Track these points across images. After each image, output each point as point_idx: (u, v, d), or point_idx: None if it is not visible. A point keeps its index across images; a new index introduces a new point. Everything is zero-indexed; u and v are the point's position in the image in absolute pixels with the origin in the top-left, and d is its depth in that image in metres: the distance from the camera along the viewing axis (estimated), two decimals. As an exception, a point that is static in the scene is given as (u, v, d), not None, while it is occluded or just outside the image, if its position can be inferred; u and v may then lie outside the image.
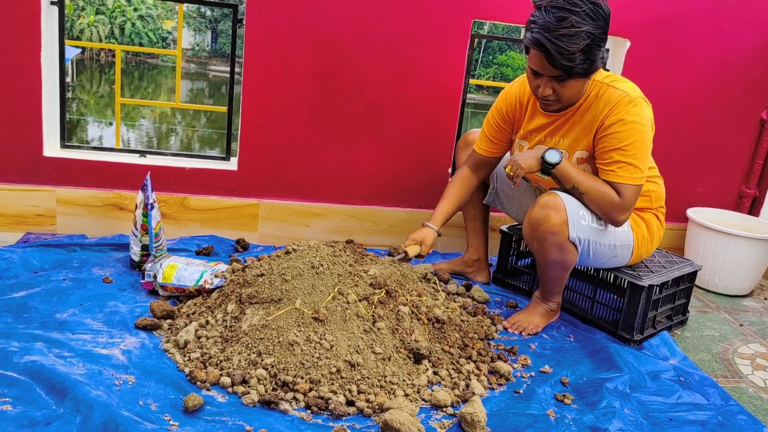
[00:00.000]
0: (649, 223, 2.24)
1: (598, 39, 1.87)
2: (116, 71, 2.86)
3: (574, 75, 1.92)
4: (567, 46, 1.84)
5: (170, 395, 1.64)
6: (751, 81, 3.02)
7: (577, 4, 1.84)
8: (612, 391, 1.84)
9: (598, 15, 1.86)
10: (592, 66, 1.92)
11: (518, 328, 2.24)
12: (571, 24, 1.83)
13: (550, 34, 1.84)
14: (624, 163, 2.00)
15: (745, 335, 2.48)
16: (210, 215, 2.79)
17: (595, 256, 2.17)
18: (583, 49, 1.85)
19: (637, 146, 1.99)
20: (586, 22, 1.84)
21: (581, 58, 1.87)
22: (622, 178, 2.00)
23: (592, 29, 1.85)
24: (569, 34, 1.83)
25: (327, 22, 2.65)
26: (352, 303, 1.91)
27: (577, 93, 2.01)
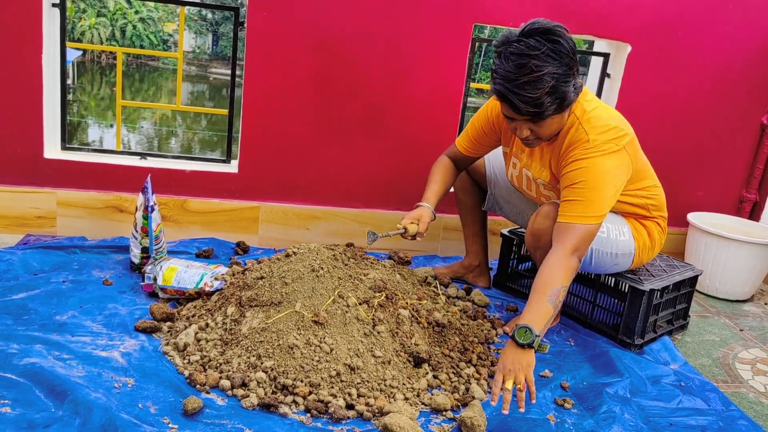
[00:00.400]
0: (650, 231, 2.23)
1: (563, 77, 1.78)
2: (117, 73, 2.86)
3: (546, 116, 1.85)
4: (530, 93, 1.76)
5: (170, 398, 1.64)
6: (751, 85, 3.02)
7: (535, 47, 1.75)
8: (612, 396, 1.84)
9: (560, 52, 1.76)
10: (563, 103, 1.84)
11: None
12: (531, 70, 1.74)
13: (511, 84, 1.78)
14: (571, 202, 1.91)
15: (746, 340, 2.47)
16: (210, 218, 2.79)
17: (597, 263, 2.16)
18: (549, 92, 1.77)
19: (587, 184, 1.89)
20: (548, 63, 1.75)
21: (549, 100, 1.79)
22: (568, 218, 1.89)
23: (555, 69, 1.76)
24: (531, 81, 1.75)
25: (328, 25, 2.65)
26: (352, 306, 1.90)
27: (556, 127, 1.94)
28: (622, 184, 1.98)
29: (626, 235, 2.17)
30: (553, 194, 2.13)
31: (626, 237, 2.17)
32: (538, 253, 2.10)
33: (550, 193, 2.14)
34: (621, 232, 2.16)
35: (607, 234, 2.12)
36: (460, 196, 2.55)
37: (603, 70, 3.02)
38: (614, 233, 2.14)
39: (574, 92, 1.85)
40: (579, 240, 1.87)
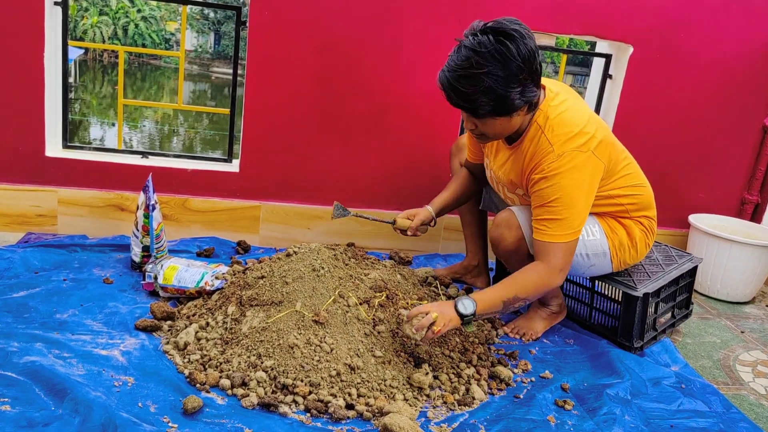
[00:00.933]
0: (629, 229, 2.17)
1: (504, 80, 1.75)
2: (119, 72, 2.86)
3: (483, 115, 1.83)
4: (463, 87, 1.77)
5: (169, 397, 1.64)
6: (753, 87, 3.02)
7: (483, 44, 1.74)
8: (613, 398, 1.83)
9: (505, 56, 1.73)
10: (503, 105, 1.80)
11: (518, 333, 2.23)
12: (470, 65, 1.75)
13: (450, 74, 1.79)
14: (549, 221, 1.92)
15: (747, 342, 2.47)
16: (211, 217, 2.79)
17: (572, 266, 2.11)
18: (484, 91, 1.76)
19: (562, 201, 1.90)
20: (490, 63, 1.74)
21: (484, 99, 1.77)
22: (548, 237, 1.92)
23: (496, 71, 1.74)
24: (466, 75, 1.76)
25: (330, 25, 2.65)
26: (353, 306, 1.90)
27: (503, 129, 1.91)
28: (594, 189, 1.97)
29: (596, 235, 2.12)
30: (516, 198, 2.13)
31: (597, 236, 2.12)
32: (502, 260, 2.14)
33: (513, 196, 2.15)
34: (589, 232, 2.11)
35: None
36: None
37: (605, 71, 3.02)
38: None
39: (521, 98, 1.81)
40: (564, 258, 1.93)
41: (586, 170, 1.91)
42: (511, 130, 1.93)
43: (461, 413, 1.74)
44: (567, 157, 1.89)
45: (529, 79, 1.80)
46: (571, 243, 1.93)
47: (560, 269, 1.93)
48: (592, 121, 1.96)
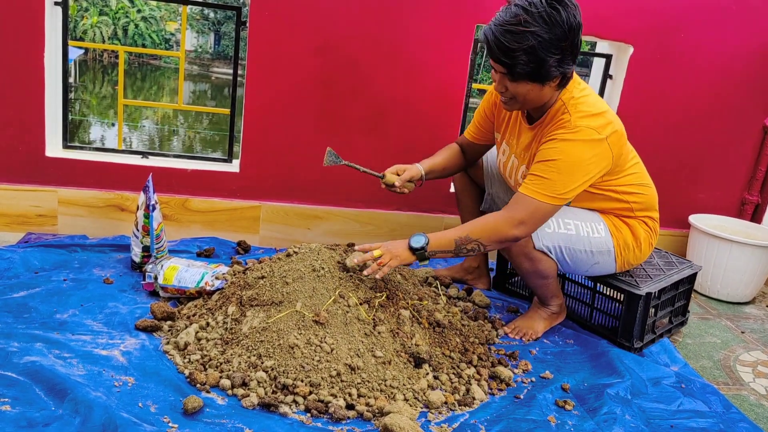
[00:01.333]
0: (633, 229, 2.18)
1: (547, 43, 1.79)
2: (119, 72, 2.86)
3: (519, 76, 1.86)
4: (508, 42, 1.80)
5: (170, 397, 1.64)
6: (754, 88, 3.02)
7: (534, 4, 1.78)
8: (613, 398, 1.83)
9: (554, 20, 1.78)
10: (540, 71, 1.84)
11: (518, 333, 2.23)
12: (518, 22, 1.78)
13: (497, 28, 1.82)
14: (537, 177, 1.91)
15: (747, 342, 2.47)
16: (211, 217, 2.79)
17: (574, 262, 2.13)
18: (526, 50, 1.79)
19: (556, 164, 1.90)
20: (537, 24, 1.77)
21: (524, 58, 1.80)
22: (525, 189, 1.92)
23: (542, 32, 1.78)
24: (513, 31, 1.79)
25: (330, 25, 2.65)
26: (353, 306, 1.90)
27: (533, 98, 1.93)
28: (596, 175, 1.96)
29: (601, 233, 2.13)
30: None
31: (601, 234, 2.13)
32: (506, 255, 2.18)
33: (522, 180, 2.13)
34: (594, 230, 2.12)
35: (576, 231, 2.09)
36: (460, 197, 2.55)
37: (605, 71, 3.02)
38: (585, 230, 2.11)
39: (558, 68, 1.85)
40: (528, 214, 1.91)
41: (594, 150, 1.92)
42: (538, 101, 1.95)
43: (461, 413, 1.74)
44: (581, 131, 1.91)
45: (569, 50, 1.84)
46: (545, 207, 1.90)
47: (520, 221, 1.90)
48: (611, 112, 2.00)
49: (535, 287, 2.23)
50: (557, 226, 2.08)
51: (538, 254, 2.07)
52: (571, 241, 2.09)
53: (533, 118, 2.06)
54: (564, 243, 2.09)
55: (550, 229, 2.06)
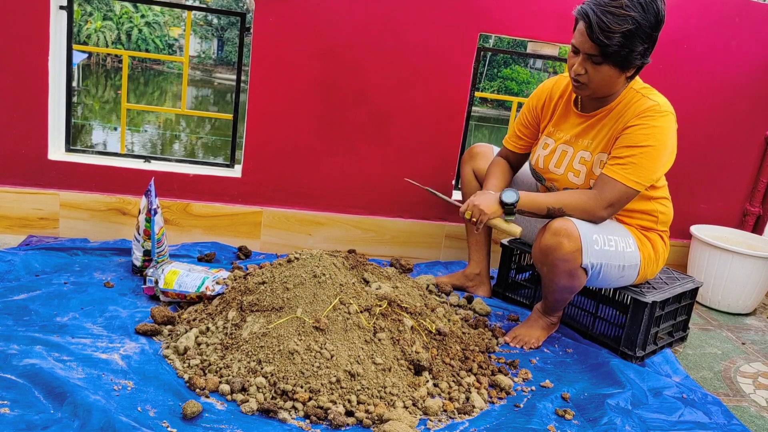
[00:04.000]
0: (654, 243, 2.22)
1: (642, 30, 1.87)
2: (123, 76, 2.87)
3: (609, 58, 1.91)
4: (609, 23, 1.86)
5: (169, 401, 1.63)
6: (756, 99, 3.02)
7: None
8: (613, 408, 1.83)
9: (650, 8, 1.87)
10: (629, 57, 1.91)
11: (519, 342, 2.22)
12: (620, 5, 1.85)
13: (597, 7, 1.88)
14: (624, 161, 1.98)
15: (748, 354, 2.46)
16: (213, 222, 2.79)
17: (604, 277, 2.13)
18: (624, 33, 1.86)
19: (646, 151, 1.97)
20: (636, 10, 1.85)
21: (619, 41, 1.87)
22: (615, 174, 1.98)
23: (640, 18, 1.86)
24: (615, 13, 1.85)
25: (334, 32, 2.66)
26: (354, 313, 1.90)
27: (608, 84, 2.00)
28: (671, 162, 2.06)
29: (632, 247, 2.15)
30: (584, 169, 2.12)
31: (632, 249, 2.15)
32: (545, 269, 2.08)
33: (581, 168, 2.13)
34: (627, 244, 2.14)
35: (615, 247, 2.09)
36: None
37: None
38: (621, 245, 2.12)
39: (641, 58, 1.94)
40: (617, 198, 1.99)
41: (674, 139, 2.04)
42: (609, 89, 2.02)
43: (461, 422, 1.73)
44: (668, 118, 2.01)
45: (653, 42, 1.93)
46: (631, 191, 2.00)
47: (609, 204, 1.99)
48: None
49: (557, 301, 2.19)
50: (603, 243, 2.05)
51: (581, 272, 2.05)
52: (610, 257, 2.08)
53: (591, 108, 2.12)
54: (605, 260, 2.07)
55: (597, 247, 2.03)
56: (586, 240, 2.00)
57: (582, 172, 2.14)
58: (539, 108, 2.29)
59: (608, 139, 2.07)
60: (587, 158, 2.12)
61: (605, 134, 2.08)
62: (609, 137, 2.07)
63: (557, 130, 2.22)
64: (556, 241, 1.99)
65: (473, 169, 2.51)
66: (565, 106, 2.21)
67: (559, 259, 2.00)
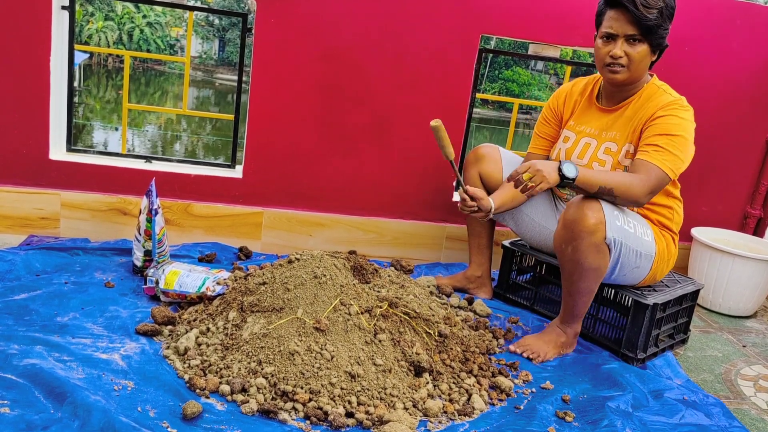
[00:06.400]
0: (668, 243, 2.24)
1: (669, 9, 2.04)
2: (125, 77, 2.87)
3: (648, 35, 2.02)
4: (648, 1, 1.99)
5: (169, 402, 1.63)
6: (757, 101, 3.02)
7: None
8: (614, 410, 1.83)
9: None
10: (661, 35, 2.05)
11: (528, 352, 2.16)
12: None
13: None
14: (660, 147, 2.03)
15: (748, 356, 2.46)
16: (213, 222, 2.79)
17: (622, 262, 2.09)
18: (660, 10, 2.00)
19: (678, 140, 2.03)
20: None
21: (657, 16, 2.00)
22: (653, 159, 2.02)
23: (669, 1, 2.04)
24: None
25: (336, 34, 2.66)
26: (354, 314, 1.90)
27: (643, 66, 2.10)
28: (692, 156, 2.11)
29: (650, 237, 2.17)
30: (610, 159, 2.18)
31: (650, 239, 2.17)
32: (569, 247, 2.02)
33: (606, 158, 2.19)
34: (645, 233, 2.15)
35: (634, 230, 2.10)
36: None
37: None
38: (640, 231, 2.13)
39: (665, 40, 2.09)
40: (657, 184, 2.02)
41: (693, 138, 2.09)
42: (642, 72, 2.12)
43: (461, 423, 1.73)
44: (690, 112, 2.09)
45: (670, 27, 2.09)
46: (666, 177, 2.03)
47: (651, 190, 2.02)
48: None
49: (581, 293, 2.11)
50: (623, 222, 2.06)
51: (605, 248, 2.02)
52: (629, 238, 2.08)
53: (613, 102, 2.22)
54: (625, 239, 2.06)
55: (619, 223, 2.03)
56: (609, 214, 2.01)
57: (608, 162, 2.19)
58: (561, 105, 2.38)
59: (633, 130, 2.14)
60: (614, 149, 2.18)
61: (631, 125, 2.16)
62: (634, 128, 2.14)
63: (578, 123, 2.30)
64: (580, 213, 1.99)
65: (480, 173, 2.47)
66: (587, 102, 2.31)
67: (585, 231, 1.97)
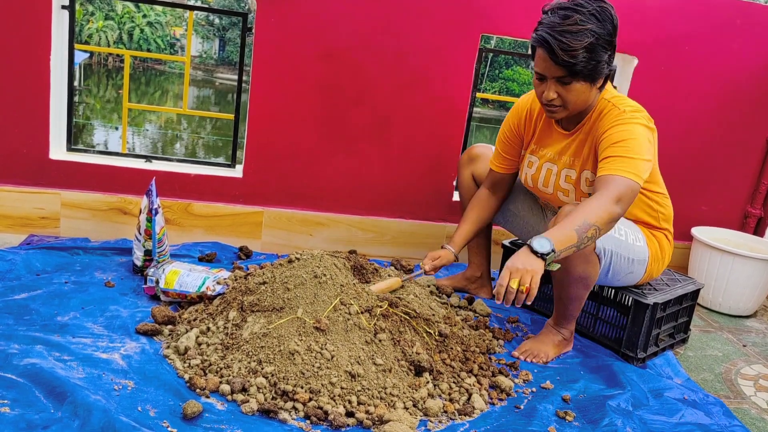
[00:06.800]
0: (660, 242, 2.21)
1: (603, 40, 1.85)
2: (125, 76, 2.87)
3: (578, 75, 1.88)
4: (570, 42, 1.83)
5: (169, 401, 1.63)
6: (757, 101, 3.02)
7: (582, 4, 1.85)
8: (614, 409, 1.83)
9: (604, 16, 1.85)
10: (596, 68, 1.88)
11: (528, 356, 2.16)
12: (575, 22, 1.83)
13: (553, 30, 1.84)
14: (614, 157, 1.89)
15: (749, 356, 2.46)
16: (214, 222, 2.79)
17: (614, 270, 2.09)
18: (587, 47, 1.83)
19: (631, 143, 1.90)
20: (591, 21, 1.83)
21: (584, 56, 1.84)
22: (608, 170, 1.87)
23: (597, 28, 1.84)
24: (572, 31, 1.83)
25: (336, 33, 2.66)
26: (354, 314, 1.90)
27: (583, 100, 1.96)
28: (654, 154, 1.99)
29: (641, 242, 2.15)
30: (572, 188, 2.12)
31: (641, 243, 2.14)
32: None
33: (568, 187, 2.12)
34: (637, 238, 2.13)
35: (625, 237, 2.08)
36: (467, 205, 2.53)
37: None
38: (631, 237, 2.11)
39: (608, 66, 1.92)
40: (622, 191, 1.84)
41: (650, 132, 1.97)
42: (585, 103, 1.98)
43: (461, 423, 1.73)
44: (636, 115, 1.97)
45: (614, 48, 1.91)
46: (633, 184, 1.85)
47: (618, 198, 1.82)
48: None
49: (570, 300, 2.11)
50: (613, 230, 2.03)
51: (594, 257, 2.00)
52: (620, 246, 2.06)
53: (571, 125, 2.10)
54: (615, 247, 2.05)
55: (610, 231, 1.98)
56: None
57: (570, 192, 2.13)
58: (521, 125, 2.25)
59: (588, 154, 2.05)
60: (572, 176, 2.11)
61: (586, 150, 2.06)
62: (589, 152, 2.05)
63: (540, 147, 2.20)
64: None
65: (473, 173, 2.48)
66: (547, 122, 2.18)
67: None
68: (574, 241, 1.76)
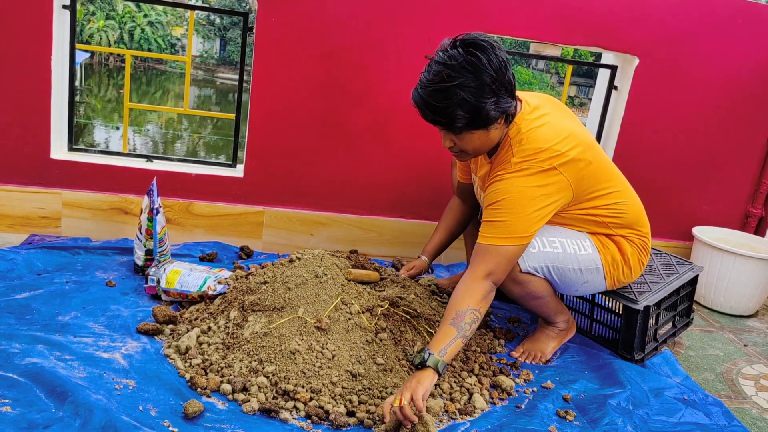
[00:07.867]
0: (620, 245, 2.10)
1: (477, 90, 1.73)
2: (126, 76, 2.87)
3: (461, 128, 1.79)
4: (438, 101, 1.74)
5: (170, 401, 1.64)
6: (759, 101, 3.02)
7: (454, 57, 1.74)
8: (615, 408, 1.83)
9: (477, 67, 1.72)
10: (480, 117, 1.77)
11: (528, 357, 2.16)
12: (442, 79, 1.73)
13: (423, 90, 1.77)
14: (488, 222, 1.86)
15: (750, 356, 2.46)
16: (215, 221, 2.79)
17: (564, 282, 2.06)
18: (459, 103, 1.73)
19: (503, 205, 1.84)
20: (461, 75, 1.72)
21: (459, 112, 1.74)
22: (483, 239, 1.86)
23: (468, 82, 1.72)
24: (439, 89, 1.74)
25: (337, 33, 2.66)
26: (355, 313, 1.90)
27: (483, 144, 1.87)
28: (552, 203, 1.87)
29: (588, 249, 2.06)
30: None
31: (588, 251, 2.06)
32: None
33: None
34: (581, 246, 2.05)
35: (562, 249, 2.02)
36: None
37: (610, 82, 3.02)
38: (572, 248, 2.03)
39: (496, 110, 1.78)
40: (494, 263, 1.83)
41: (541, 181, 1.85)
42: (490, 144, 1.89)
43: (462, 422, 1.73)
44: (522, 166, 1.85)
45: (502, 89, 1.77)
46: (509, 249, 1.83)
47: (487, 273, 1.82)
48: (568, 139, 1.88)
49: (532, 309, 2.14)
50: (542, 245, 1.99)
51: (525, 277, 2.00)
52: (558, 259, 2.01)
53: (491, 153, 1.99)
54: (551, 262, 2.01)
55: (534, 249, 1.98)
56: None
57: None
58: None
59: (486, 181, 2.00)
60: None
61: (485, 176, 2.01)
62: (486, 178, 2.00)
63: (475, 167, 2.13)
64: None
65: None
66: None
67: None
68: (454, 334, 1.75)
